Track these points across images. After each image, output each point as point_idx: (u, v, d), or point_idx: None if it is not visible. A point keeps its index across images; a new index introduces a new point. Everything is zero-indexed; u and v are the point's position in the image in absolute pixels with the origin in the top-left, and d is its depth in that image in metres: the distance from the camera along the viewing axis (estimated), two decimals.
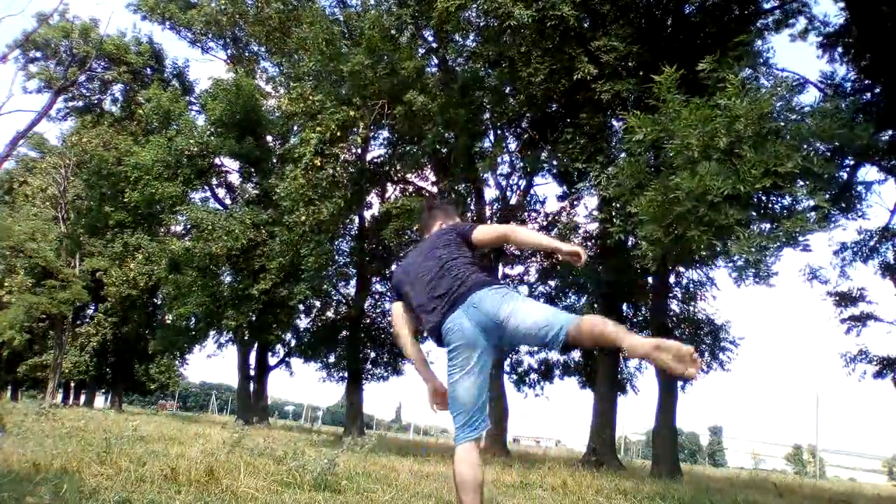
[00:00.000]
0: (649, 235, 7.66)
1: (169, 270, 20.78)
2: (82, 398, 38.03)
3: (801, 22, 13.83)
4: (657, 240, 7.57)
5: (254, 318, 21.60)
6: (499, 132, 17.00)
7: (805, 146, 7.41)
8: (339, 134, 14.95)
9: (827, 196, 7.51)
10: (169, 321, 23.69)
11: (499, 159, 15.46)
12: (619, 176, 8.93)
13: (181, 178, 21.66)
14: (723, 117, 7.28)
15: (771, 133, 7.45)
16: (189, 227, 22.24)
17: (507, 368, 19.70)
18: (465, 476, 2.82)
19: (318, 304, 24.31)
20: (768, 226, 7.82)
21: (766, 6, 13.57)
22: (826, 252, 19.11)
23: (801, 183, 7.49)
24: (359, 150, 17.72)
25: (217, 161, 24.12)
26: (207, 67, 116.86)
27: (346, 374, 23.02)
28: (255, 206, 21.25)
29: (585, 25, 11.72)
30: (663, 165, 8.28)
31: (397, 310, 3.35)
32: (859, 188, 11.20)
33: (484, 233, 3.24)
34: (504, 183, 18.61)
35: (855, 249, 13.23)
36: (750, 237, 7.06)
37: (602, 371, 15.45)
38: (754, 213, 7.84)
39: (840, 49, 13.25)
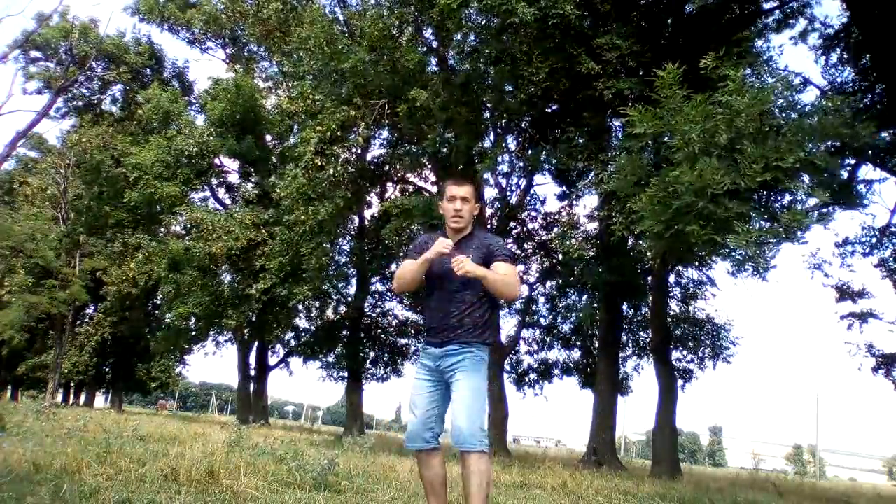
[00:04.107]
0: (649, 230, 7.65)
1: (169, 270, 20.77)
2: (82, 398, 38.02)
3: (801, 23, 13.85)
4: (657, 235, 7.57)
5: (254, 318, 21.60)
6: (499, 132, 17.00)
7: (806, 142, 7.41)
8: (339, 133, 14.94)
9: (827, 193, 7.49)
10: (168, 321, 23.69)
11: (499, 159, 15.45)
12: (620, 172, 8.93)
13: (181, 178, 21.65)
14: (724, 114, 7.28)
15: (772, 129, 7.45)
16: (189, 226, 22.23)
17: (507, 368, 19.69)
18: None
19: (317, 303, 24.32)
20: (768, 224, 7.82)
21: (767, 6, 13.59)
22: (829, 246, 19.16)
23: (803, 178, 7.49)
24: (359, 150, 17.70)
25: (217, 161, 24.12)
26: (207, 67, 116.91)
27: (346, 374, 23.02)
28: (255, 206, 21.25)
29: (587, 24, 11.71)
30: (664, 162, 8.29)
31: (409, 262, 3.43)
32: (860, 186, 11.22)
33: (503, 275, 3.25)
34: (504, 183, 18.62)
35: (854, 241, 13.30)
36: (749, 231, 7.06)
37: (602, 371, 15.44)
38: (754, 209, 7.83)
39: (840, 49, 13.26)
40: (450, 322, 3.28)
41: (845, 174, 10.99)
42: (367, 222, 22.43)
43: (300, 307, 22.99)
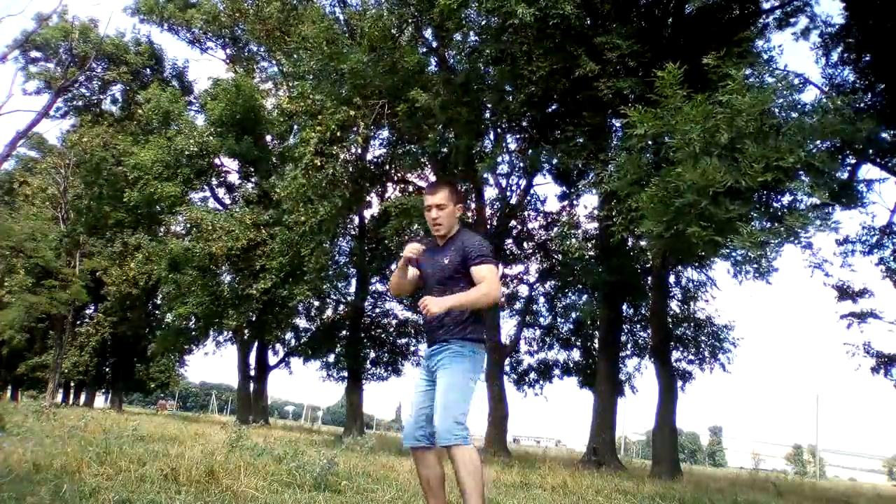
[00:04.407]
0: (650, 231, 7.65)
1: (169, 270, 20.78)
2: (82, 398, 38.03)
3: (803, 21, 13.85)
4: (658, 235, 7.56)
5: (254, 318, 21.60)
6: (499, 132, 17.01)
7: (807, 142, 7.41)
8: (339, 133, 14.93)
9: (827, 193, 7.49)
10: (168, 321, 23.69)
11: (499, 159, 15.45)
12: (620, 171, 8.93)
13: (181, 178, 21.66)
14: (724, 113, 7.28)
15: (772, 129, 7.44)
16: (189, 227, 22.24)
17: (506, 368, 19.70)
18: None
19: (317, 303, 24.33)
20: (769, 224, 7.81)
21: (766, 6, 13.59)
22: (829, 246, 19.16)
23: (803, 178, 7.48)
24: (359, 150, 17.71)
25: (217, 161, 24.12)
26: (207, 67, 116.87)
27: (346, 374, 23.03)
28: (254, 206, 21.26)
29: (587, 24, 11.71)
30: (664, 161, 8.28)
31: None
32: (860, 186, 11.22)
33: (478, 277, 3.24)
34: (504, 183, 18.63)
35: (855, 240, 13.30)
36: (751, 232, 7.05)
37: (602, 371, 15.44)
38: (755, 210, 7.82)
39: (841, 49, 13.26)
40: (433, 322, 3.31)
41: (845, 174, 11.00)
42: (367, 222, 22.43)
43: (300, 307, 22.99)
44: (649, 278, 16.15)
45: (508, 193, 18.84)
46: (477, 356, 3.28)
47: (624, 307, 16.95)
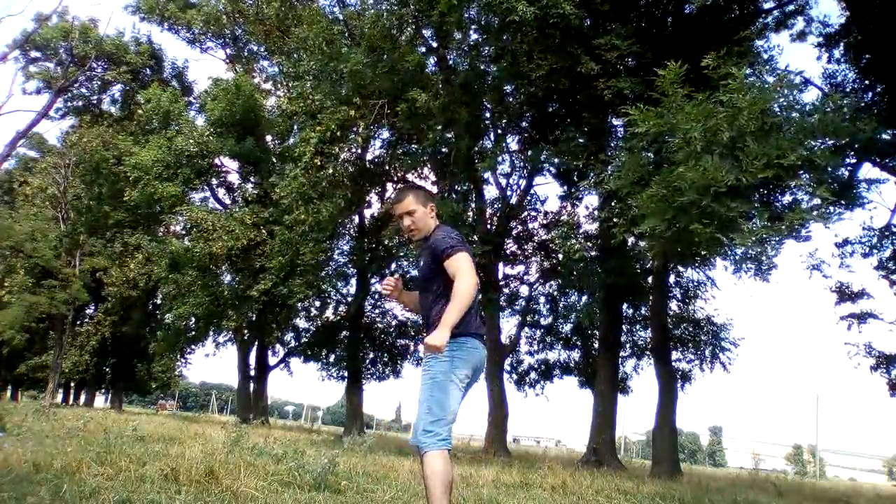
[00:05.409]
0: (651, 229, 7.64)
1: (169, 270, 20.78)
2: (82, 398, 38.02)
3: (800, 23, 13.88)
4: (659, 234, 7.56)
5: (254, 319, 21.59)
6: (499, 132, 17.00)
7: (808, 140, 7.41)
8: (339, 133, 14.94)
9: (829, 191, 7.49)
10: (168, 321, 23.68)
11: (499, 159, 15.45)
12: (621, 171, 8.93)
13: (181, 178, 21.65)
14: (725, 112, 7.28)
15: (773, 127, 7.45)
16: (189, 227, 22.23)
17: (507, 368, 19.69)
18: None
19: (317, 303, 24.34)
20: (769, 223, 7.81)
21: (766, 6, 13.61)
22: (828, 247, 19.13)
23: (805, 175, 7.49)
24: (359, 150, 17.72)
25: (217, 161, 24.12)
26: (207, 67, 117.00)
27: (345, 374, 23.03)
28: (254, 206, 21.25)
29: (587, 24, 11.72)
30: (665, 161, 8.28)
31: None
32: (860, 186, 11.21)
33: (452, 272, 3.17)
34: (504, 183, 18.63)
35: (855, 242, 13.33)
36: (752, 230, 7.05)
37: (602, 371, 15.44)
38: (756, 208, 7.82)
39: (840, 49, 13.28)
40: (429, 322, 3.26)
41: (846, 174, 11.00)
42: (367, 222, 22.44)
43: (300, 306, 23.01)
44: (649, 278, 16.15)
45: (509, 193, 18.84)
46: (456, 352, 3.14)
47: (624, 307, 16.94)
